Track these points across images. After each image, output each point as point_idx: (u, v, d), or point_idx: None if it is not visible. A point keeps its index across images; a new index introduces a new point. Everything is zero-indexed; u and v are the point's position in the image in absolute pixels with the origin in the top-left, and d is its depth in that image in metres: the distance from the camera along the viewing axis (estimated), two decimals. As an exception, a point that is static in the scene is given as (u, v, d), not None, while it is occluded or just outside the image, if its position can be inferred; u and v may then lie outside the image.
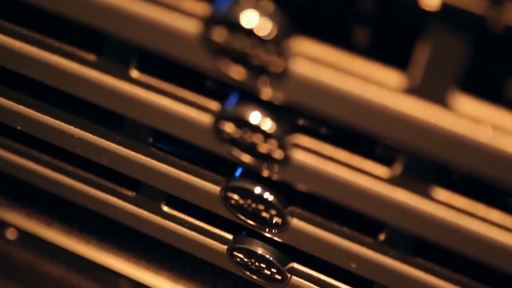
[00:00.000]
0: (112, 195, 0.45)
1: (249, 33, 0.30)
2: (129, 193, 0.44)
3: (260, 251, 0.42)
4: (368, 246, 0.37)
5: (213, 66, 0.32)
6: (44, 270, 0.62)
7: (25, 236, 0.57)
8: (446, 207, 0.32)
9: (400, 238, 0.36)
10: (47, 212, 0.56)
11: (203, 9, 0.30)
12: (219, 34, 0.30)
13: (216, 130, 0.35)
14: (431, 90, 0.29)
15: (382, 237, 0.36)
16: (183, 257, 0.52)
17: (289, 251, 0.42)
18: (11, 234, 0.58)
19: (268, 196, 0.37)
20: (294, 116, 0.34)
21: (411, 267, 0.36)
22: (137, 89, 0.36)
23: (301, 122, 0.35)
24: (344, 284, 0.41)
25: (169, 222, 0.44)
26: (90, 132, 0.41)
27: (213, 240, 0.43)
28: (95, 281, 0.59)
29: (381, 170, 0.33)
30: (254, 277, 0.44)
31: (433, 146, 0.30)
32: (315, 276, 0.42)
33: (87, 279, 0.60)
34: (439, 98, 0.29)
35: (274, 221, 0.38)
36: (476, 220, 0.32)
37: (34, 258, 0.61)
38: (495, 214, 0.32)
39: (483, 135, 0.29)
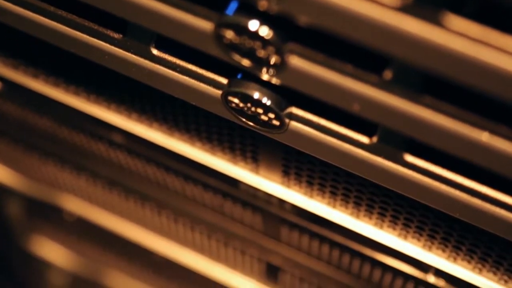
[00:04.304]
0: (98, 38, 0.42)
1: None
2: (116, 35, 0.41)
3: (256, 94, 0.39)
4: (373, 85, 0.34)
5: None
6: (34, 124, 0.60)
7: (11, 88, 0.54)
8: (459, 36, 0.30)
9: (408, 74, 0.33)
10: (33, 63, 0.53)
11: None
12: None
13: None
14: None
15: (387, 74, 0.34)
16: (176, 108, 0.49)
17: (287, 95, 0.39)
18: (-5, 86, 0.55)
19: (264, 31, 0.34)
20: None
21: (419, 106, 0.34)
22: None
23: None
24: (346, 128, 0.39)
25: (159, 66, 0.41)
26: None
27: (207, 85, 0.41)
28: (86, 134, 0.58)
29: (389, -3, 0.30)
30: (251, 123, 0.41)
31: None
32: (315, 121, 0.40)
33: (78, 132, 0.58)
34: None
35: (271, 61, 0.36)
36: (491, 49, 0.29)
37: (22, 111, 0.59)
38: (512, 44, 0.29)
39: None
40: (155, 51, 0.41)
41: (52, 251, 0.88)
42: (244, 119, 0.41)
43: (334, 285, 0.61)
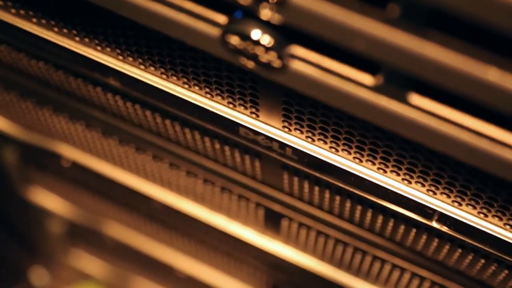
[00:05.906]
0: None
1: None
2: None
3: (256, 33, 0.37)
4: (378, 20, 0.33)
5: None
6: (29, 69, 0.58)
7: (3, 30, 0.53)
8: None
9: (414, 8, 0.31)
10: (25, 4, 0.51)
11: None
12: None
13: None
14: None
15: (393, 8, 0.32)
16: (174, 50, 0.48)
17: (288, 36, 0.38)
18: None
19: (264, -36, 0.33)
20: None
21: (426, 42, 0.32)
22: None
23: None
24: (350, 67, 0.37)
25: (154, 3, 0.40)
26: None
27: (205, 23, 0.39)
28: (81, 79, 0.56)
29: None
30: (251, 64, 0.40)
31: None
32: (317, 62, 0.38)
33: (74, 78, 0.57)
34: None
35: (272, -3, 0.34)
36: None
37: (15, 56, 0.58)
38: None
39: None
40: (150, -10, 0.39)
41: (50, 199, 0.88)
42: (243, 60, 0.40)
43: (335, 232, 0.61)
